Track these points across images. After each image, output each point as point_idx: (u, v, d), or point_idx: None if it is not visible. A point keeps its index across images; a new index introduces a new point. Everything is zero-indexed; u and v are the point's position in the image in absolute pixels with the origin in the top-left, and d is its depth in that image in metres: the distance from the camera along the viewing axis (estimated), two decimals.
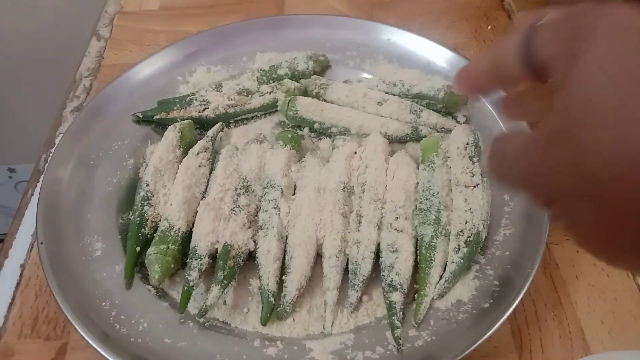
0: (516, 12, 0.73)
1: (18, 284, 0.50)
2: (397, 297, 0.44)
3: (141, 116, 0.58)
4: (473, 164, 0.51)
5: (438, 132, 0.56)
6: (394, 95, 0.58)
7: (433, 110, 0.57)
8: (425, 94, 0.57)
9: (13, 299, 0.49)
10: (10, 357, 0.45)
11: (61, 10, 1.10)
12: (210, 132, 0.56)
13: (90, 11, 0.79)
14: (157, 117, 0.58)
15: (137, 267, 0.48)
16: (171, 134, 0.55)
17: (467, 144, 0.52)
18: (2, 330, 0.47)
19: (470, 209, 0.48)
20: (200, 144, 0.54)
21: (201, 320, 0.45)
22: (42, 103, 0.96)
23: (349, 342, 0.43)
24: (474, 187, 0.49)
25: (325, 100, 0.59)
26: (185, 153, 0.54)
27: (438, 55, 0.62)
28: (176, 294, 0.47)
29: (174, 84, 0.62)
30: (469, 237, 0.47)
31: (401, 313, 0.44)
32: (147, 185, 0.51)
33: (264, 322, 0.44)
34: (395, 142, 0.56)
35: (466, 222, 0.47)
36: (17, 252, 0.53)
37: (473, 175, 0.50)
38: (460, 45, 0.68)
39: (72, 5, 1.09)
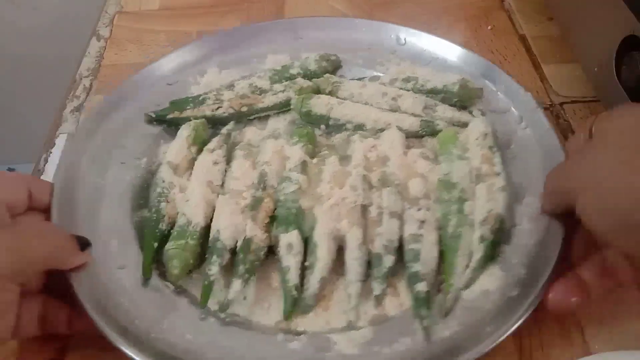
0: (516, 12, 0.73)
1: None
2: (423, 287, 0.44)
3: (154, 115, 0.58)
4: (493, 153, 0.51)
5: (454, 125, 0.56)
6: (408, 91, 0.58)
7: (448, 105, 0.57)
8: (440, 89, 0.57)
9: None
10: (10, 357, 0.45)
11: (61, 10, 1.10)
12: (224, 130, 0.56)
13: (90, 11, 0.79)
14: (170, 116, 0.58)
15: (154, 264, 0.47)
16: (185, 132, 0.55)
17: (486, 134, 0.52)
18: None
19: (493, 197, 0.48)
20: (214, 141, 0.54)
21: (222, 315, 0.44)
22: (42, 103, 0.96)
23: (375, 334, 0.43)
24: (496, 175, 0.49)
25: (338, 98, 0.58)
26: (199, 151, 0.54)
27: (450, 53, 0.62)
28: (195, 290, 0.46)
29: (185, 85, 0.62)
30: (493, 224, 0.46)
31: (428, 303, 0.43)
32: (163, 182, 0.51)
33: (287, 316, 0.44)
34: (412, 137, 0.55)
35: (490, 211, 0.47)
36: None
37: (494, 165, 0.50)
38: (460, 45, 0.68)
39: (72, 5, 1.09)
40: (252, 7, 0.76)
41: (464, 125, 0.55)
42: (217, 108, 0.58)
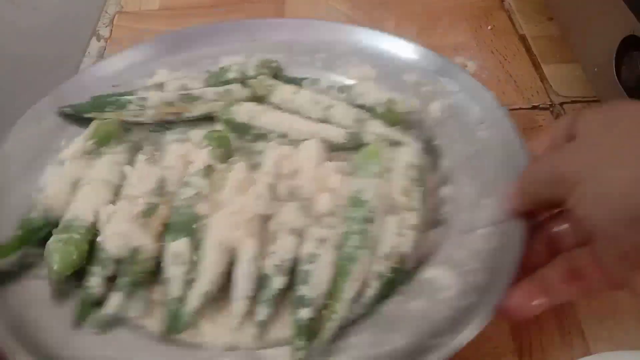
0: (516, 12, 0.73)
1: None
2: (306, 314, 0.39)
3: (70, 110, 0.54)
4: (414, 186, 0.47)
5: (383, 141, 0.51)
6: (341, 101, 0.55)
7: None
8: (368, 107, 0.54)
9: None
10: None
11: (61, 10, 1.10)
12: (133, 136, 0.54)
13: (90, 11, 0.79)
14: (88, 115, 0.54)
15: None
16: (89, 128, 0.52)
17: (413, 165, 0.48)
18: None
19: (401, 233, 0.43)
20: (115, 142, 0.51)
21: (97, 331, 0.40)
22: None
23: None
24: (411, 211, 0.45)
25: (270, 102, 0.56)
26: (98, 143, 0.50)
27: (409, 52, 0.58)
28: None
29: (132, 87, 0.58)
30: (395, 263, 0.42)
31: (308, 333, 0.38)
32: (49, 176, 0.48)
33: (166, 332, 0.40)
34: (338, 149, 0.51)
35: (395, 248, 0.43)
36: None
37: (412, 199, 0.46)
38: (460, 45, 0.68)
39: (72, 5, 1.09)
40: (252, 7, 0.76)
41: (394, 143, 0.51)
42: (140, 114, 0.54)
